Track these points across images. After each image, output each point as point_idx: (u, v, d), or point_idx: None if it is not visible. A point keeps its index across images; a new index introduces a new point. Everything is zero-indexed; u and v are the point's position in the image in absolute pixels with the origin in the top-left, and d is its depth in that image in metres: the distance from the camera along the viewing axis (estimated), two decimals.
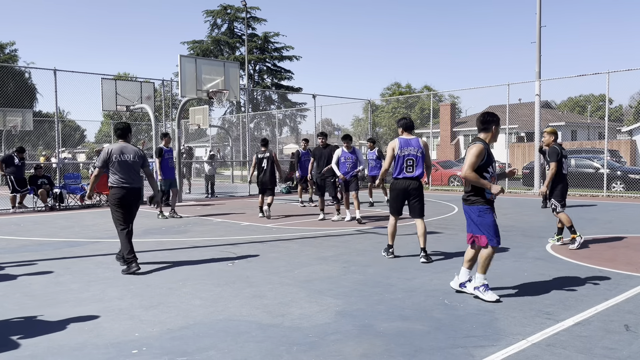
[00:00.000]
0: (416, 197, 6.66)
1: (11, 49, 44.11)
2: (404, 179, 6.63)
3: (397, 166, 6.65)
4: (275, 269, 6.43)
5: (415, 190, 6.64)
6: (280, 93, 52.75)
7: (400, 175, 6.64)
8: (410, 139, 6.72)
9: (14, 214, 13.36)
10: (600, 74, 16.54)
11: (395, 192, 6.75)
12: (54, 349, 3.83)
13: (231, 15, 52.95)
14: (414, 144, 6.65)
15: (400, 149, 6.62)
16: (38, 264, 6.93)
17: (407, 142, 6.67)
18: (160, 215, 11.94)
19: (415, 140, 6.69)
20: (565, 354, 3.63)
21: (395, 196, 6.75)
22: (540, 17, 18.15)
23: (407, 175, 6.61)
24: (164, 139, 12.19)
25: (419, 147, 6.65)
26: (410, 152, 6.61)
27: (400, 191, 6.67)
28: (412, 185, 6.62)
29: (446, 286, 5.47)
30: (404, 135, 6.78)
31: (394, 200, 6.79)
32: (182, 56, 14.69)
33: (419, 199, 6.68)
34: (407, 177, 6.61)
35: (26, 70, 40.01)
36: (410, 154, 6.61)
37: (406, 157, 6.61)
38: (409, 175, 6.61)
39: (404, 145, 6.64)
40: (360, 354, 3.66)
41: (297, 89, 53.09)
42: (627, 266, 6.26)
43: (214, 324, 4.35)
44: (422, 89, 56.83)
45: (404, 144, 6.66)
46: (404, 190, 6.65)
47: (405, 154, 6.62)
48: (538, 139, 18.46)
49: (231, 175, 28.82)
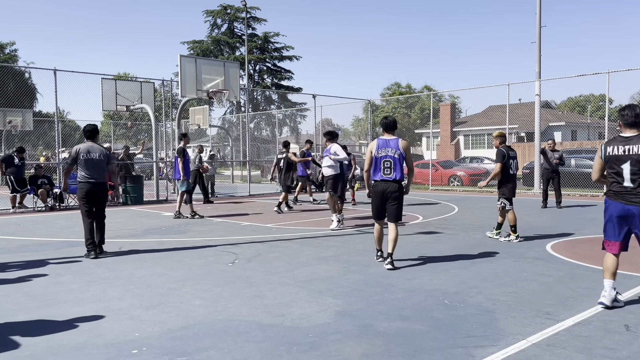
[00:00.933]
0: (394, 201, 6.37)
1: (11, 49, 44.14)
2: (382, 182, 6.37)
3: (375, 168, 6.43)
4: (275, 269, 6.43)
5: (393, 193, 6.35)
6: (280, 93, 52.75)
7: (378, 177, 6.39)
8: (389, 139, 6.41)
9: (14, 214, 13.36)
10: (600, 74, 16.54)
11: (373, 195, 6.53)
12: (54, 349, 3.83)
13: (231, 15, 52.96)
14: (392, 145, 6.35)
15: (377, 150, 6.38)
16: (38, 264, 6.93)
17: (385, 143, 6.39)
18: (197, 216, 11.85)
19: (394, 142, 6.37)
20: (565, 354, 3.63)
21: (374, 199, 6.53)
22: (540, 17, 18.17)
23: (385, 177, 6.35)
24: (184, 139, 12.00)
25: (397, 148, 6.31)
26: (388, 154, 6.32)
27: (379, 194, 6.43)
28: (390, 189, 6.34)
29: (446, 286, 5.47)
30: (385, 135, 6.50)
31: (373, 203, 6.57)
32: (182, 56, 14.70)
33: (396, 203, 6.38)
34: (385, 179, 6.35)
35: (26, 70, 40.05)
36: (388, 156, 6.32)
37: (383, 158, 6.34)
38: (386, 177, 6.34)
39: (382, 147, 6.38)
40: (360, 354, 3.66)
41: (297, 89, 53.09)
42: (627, 266, 6.26)
43: (214, 324, 4.35)
44: (422, 89, 56.84)
45: (382, 144, 6.39)
46: (382, 193, 6.39)
47: (382, 155, 6.35)
48: (538, 139, 18.47)
49: (231, 175, 28.83)
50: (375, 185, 6.47)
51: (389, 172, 6.35)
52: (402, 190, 6.45)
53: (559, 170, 13.21)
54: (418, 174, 23.27)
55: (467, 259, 6.82)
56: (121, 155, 16.91)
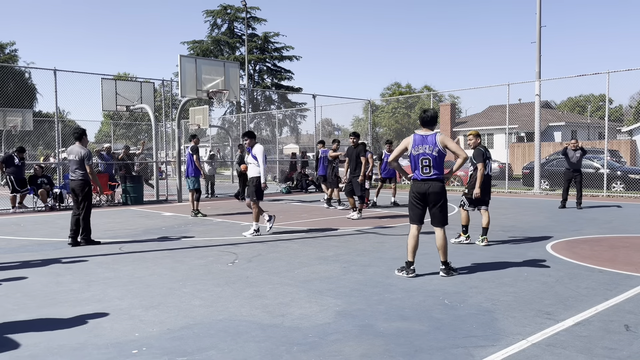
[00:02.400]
0: (438, 202, 5.85)
1: (11, 49, 44.14)
2: (423, 181, 5.84)
3: (413, 166, 5.93)
4: (275, 269, 6.43)
5: (436, 194, 5.82)
6: (280, 93, 52.76)
7: (418, 176, 5.88)
8: (426, 135, 5.86)
9: (14, 214, 13.36)
10: (600, 74, 16.56)
11: (413, 196, 5.95)
12: (54, 349, 3.83)
13: (231, 15, 52.97)
14: (429, 141, 5.81)
15: (413, 147, 5.88)
16: (38, 264, 6.93)
17: (422, 140, 5.85)
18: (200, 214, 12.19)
19: (431, 138, 5.82)
20: (565, 354, 3.63)
21: (413, 201, 5.95)
22: (540, 17, 18.18)
23: (425, 176, 5.83)
24: (194, 139, 12.46)
25: (435, 145, 5.77)
26: (425, 151, 5.80)
27: (419, 195, 5.88)
28: (433, 188, 5.80)
29: (446, 286, 5.47)
30: (421, 130, 5.96)
31: (412, 205, 5.98)
32: (182, 56, 14.69)
33: (440, 205, 5.87)
34: (426, 178, 5.84)
35: (26, 70, 40.06)
36: (426, 154, 5.80)
37: (421, 156, 5.83)
38: (426, 176, 5.83)
39: (418, 143, 5.85)
40: (360, 354, 3.66)
41: (297, 89, 53.11)
42: (627, 266, 6.26)
43: (214, 324, 4.35)
44: (422, 89, 56.80)
45: (418, 141, 5.86)
46: (423, 194, 5.85)
47: (419, 152, 5.84)
48: (538, 139, 18.48)
49: (231, 175, 28.85)
50: (414, 185, 5.95)
51: (428, 170, 5.83)
52: (445, 190, 5.93)
53: (581, 170, 13.02)
54: None
55: (468, 259, 6.81)
56: (121, 155, 16.91)
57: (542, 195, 17.35)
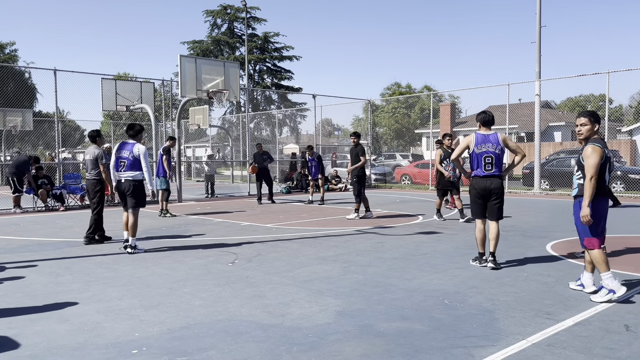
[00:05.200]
0: (497, 198, 6.23)
1: (11, 49, 44.10)
2: (485, 178, 6.19)
3: (475, 164, 6.24)
4: (275, 269, 6.43)
5: (496, 190, 6.19)
6: (280, 93, 52.76)
7: (480, 173, 6.21)
8: (488, 134, 6.23)
9: (14, 214, 13.37)
10: (600, 74, 16.55)
11: (475, 192, 6.30)
12: (54, 349, 3.83)
13: (231, 15, 52.98)
14: (492, 140, 6.17)
15: (477, 146, 6.19)
16: (38, 264, 6.93)
17: (484, 138, 6.20)
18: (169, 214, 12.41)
19: (494, 136, 6.20)
20: (565, 354, 3.63)
21: (475, 197, 6.32)
22: (540, 17, 18.18)
23: (488, 173, 6.17)
24: (170, 140, 12.91)
25: (497, 143, 6.15)
26: (489, 150, 6.15)
27: (481, 191, 6.22)
28: (494, 185, 6.17)
29: (446, 286, 5.47)
30: (482, 130, 6.30)
31: (475, 201, 6.35)
32: (182, 56, 14.68)
33: (499, 201, 6.24)
34: (488, 175, 6.17)
35: (26, 70, 40.02)
36: (489, 152, 6.15)
37: (484, 154, 6.16)
38: (489, 173, 6.17)
39: (481, 142, 6.19)
40: (360, 354, 3.66)
41: (297, 89, 53.10)
42: (627, 266, 6.26)
43: (214, 324, 4.35)
44: (422, 89, 56.83)
45: (481, 140, 6.20)
46: (485, 190, 6.20)
47: (482, 150, 6.17)
48: (538, 139, 18.47)
49: (231, 175, 28.85)
50: (476, 182, 6.27)
51: (491, 167, 6.17)
52: (503, 186, 6.31)
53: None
54: (418, 174, 23.28)
55: (467, 259, 6.82)
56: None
57: (542, 195, 17.35)
